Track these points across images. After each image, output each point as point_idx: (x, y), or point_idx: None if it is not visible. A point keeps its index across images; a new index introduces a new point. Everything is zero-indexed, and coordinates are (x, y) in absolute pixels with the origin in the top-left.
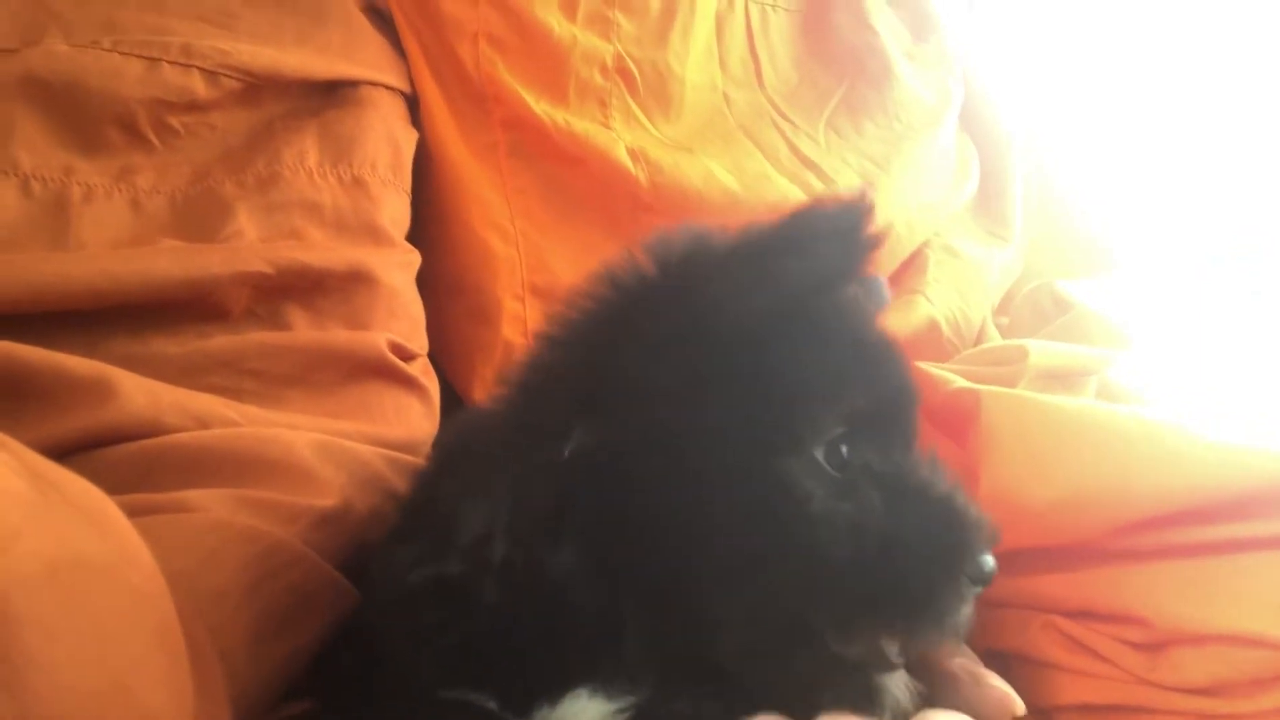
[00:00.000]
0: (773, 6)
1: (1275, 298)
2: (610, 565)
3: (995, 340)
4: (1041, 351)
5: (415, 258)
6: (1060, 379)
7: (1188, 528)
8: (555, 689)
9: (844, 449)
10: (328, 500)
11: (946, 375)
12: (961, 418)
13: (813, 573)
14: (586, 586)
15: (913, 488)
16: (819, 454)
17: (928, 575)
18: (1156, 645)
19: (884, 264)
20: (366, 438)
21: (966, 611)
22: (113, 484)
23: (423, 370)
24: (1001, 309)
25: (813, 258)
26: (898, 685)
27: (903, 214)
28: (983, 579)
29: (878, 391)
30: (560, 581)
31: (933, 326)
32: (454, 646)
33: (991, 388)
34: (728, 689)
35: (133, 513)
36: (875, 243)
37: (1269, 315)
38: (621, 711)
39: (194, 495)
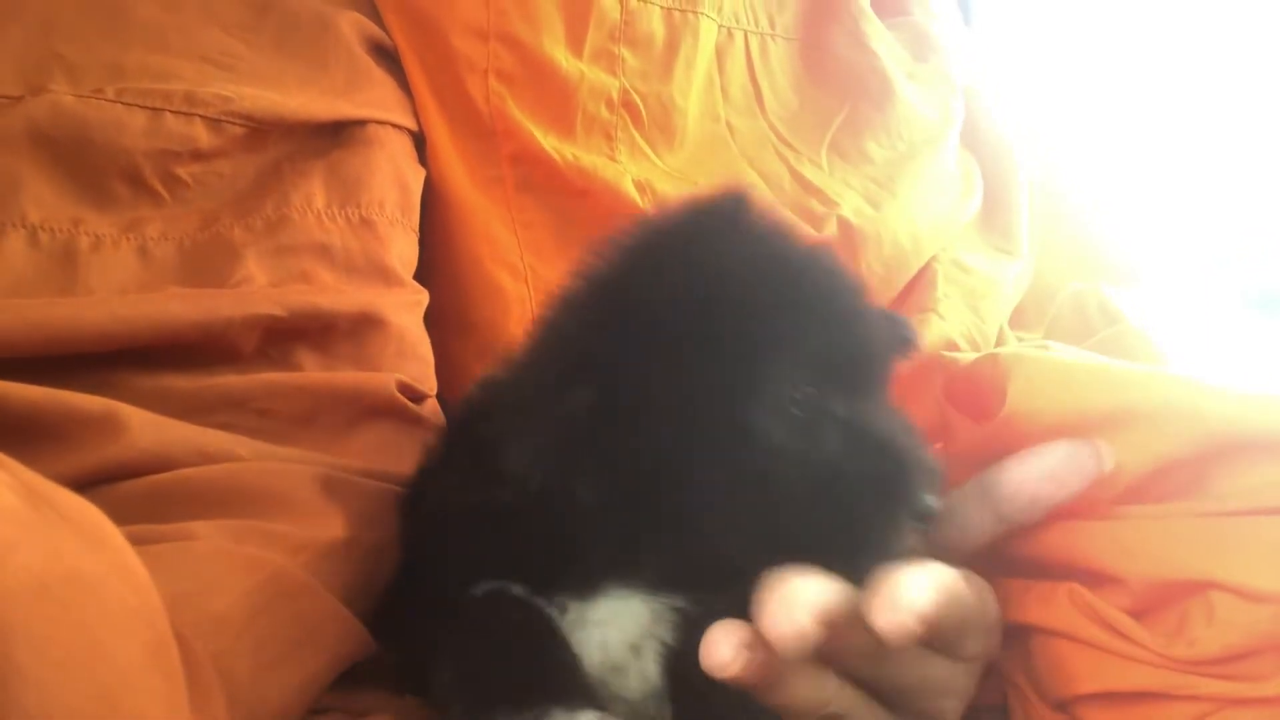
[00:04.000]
0: (771, 36)
1: None
2: (626, 496)
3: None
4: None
5: (424, 297)
6: None
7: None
8: (594, 581)
9: (806, 396)
10: (333, 533)
11: (957, 356)
12: (980, 384)
13: (772, 500)
14: (609, 515)
15: (865, 430)
16: (787, 400)
17: (869, 508)
18: (1144, 609)
19: (892, 281)
20: (376, 476)
21: (907, 544)
22: (121, 518)
23: (432, 411)
24: (1014, 321)
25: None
26: None
27: (908, 231)
28: (922, 515)
29: (842, 348)
30: (589, 509)
31: (949, 345)
32: (495, 544)
33: (1012, 350)
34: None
35: (136, 542)
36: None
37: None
38: (663, 616)
39: (198, 526)
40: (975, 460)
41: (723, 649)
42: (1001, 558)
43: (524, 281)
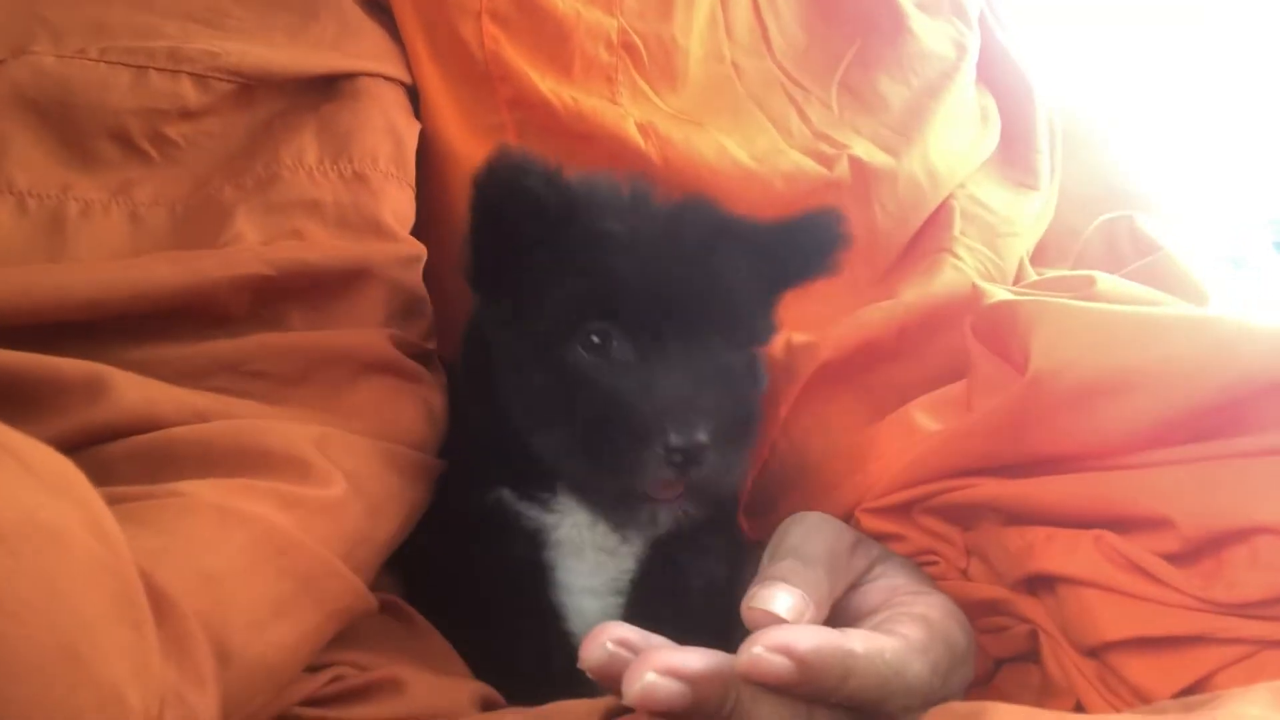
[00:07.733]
0: None
1: None
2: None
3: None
4: (1111, 282)
5: (421, 251)
6: None
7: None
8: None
9: (596, 339)
10: (328, 490)
11: (989, 289)
12: (1001, 331)
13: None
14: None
15: (641, 374)
16: (580, 345)
17: (620, 435)
18: (1189, 554)
19: (908, 220)
20: (374, 434)
21: (659, 473)
22: (109, 479)
23: (430, 365)
24: (1036, 257)
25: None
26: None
27: (924, 168)
28: (672, 451)
29: (620, 300)
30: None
31: (965, 285)
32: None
33: (1030, 295)
34: None
35: (120, 500)
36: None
37: None
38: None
39: (186, 484)
40: (1008, 423)
41: (595, 649)
42: (1020, 509)
43: None
